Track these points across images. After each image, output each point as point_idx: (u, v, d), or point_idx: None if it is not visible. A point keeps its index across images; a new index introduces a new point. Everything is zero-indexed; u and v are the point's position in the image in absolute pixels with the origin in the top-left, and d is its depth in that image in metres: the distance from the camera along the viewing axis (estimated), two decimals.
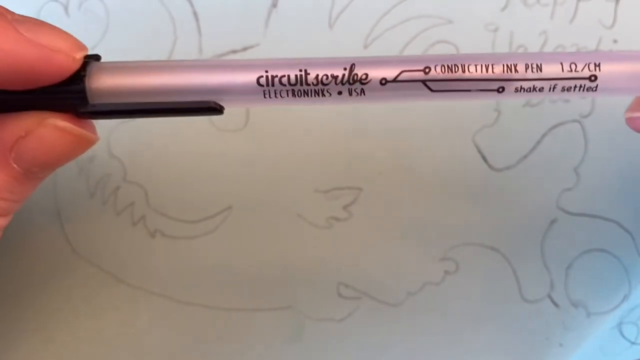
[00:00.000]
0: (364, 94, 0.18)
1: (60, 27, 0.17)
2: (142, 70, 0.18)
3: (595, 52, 0.18)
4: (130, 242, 0.27)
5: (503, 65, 0.17)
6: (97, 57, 0.18)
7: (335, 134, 0.27)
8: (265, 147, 0.27)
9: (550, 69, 0.17)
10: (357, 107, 0.27)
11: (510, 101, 0.28)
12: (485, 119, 0.28)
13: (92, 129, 0.19)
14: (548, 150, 0.28)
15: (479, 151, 0.28)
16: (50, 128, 0.17)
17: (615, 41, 0.27)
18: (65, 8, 0.26)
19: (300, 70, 0.17)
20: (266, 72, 0.17)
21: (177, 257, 0.28)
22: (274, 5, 0.27)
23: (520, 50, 0.27)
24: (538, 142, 0.28)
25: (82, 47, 0.17)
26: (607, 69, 0.18)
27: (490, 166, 0.28)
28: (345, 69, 0.17)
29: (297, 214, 0.28)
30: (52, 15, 0.26)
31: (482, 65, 0.17)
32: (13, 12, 0.17)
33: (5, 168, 0.17)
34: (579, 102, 0.28)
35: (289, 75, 0.17)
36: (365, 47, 0.27)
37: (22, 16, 0.17)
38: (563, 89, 0.18)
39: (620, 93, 0.18)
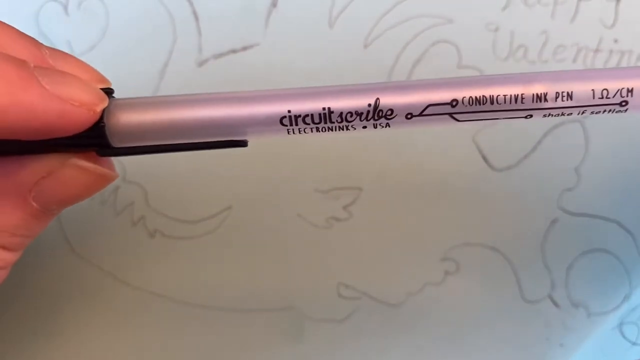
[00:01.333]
0: (389, 127, 0.17)
1: (60, 27, 0.17)
2: (161, 106, 0.17)
3: (628, 71, 0.17)
4: (130, 242, 0.27)
5: (533, 95, 0.17)
6: (110, 91, 0.18)
7: (335, 134, 0.27)
8: (265, 146, 0.27)
9: (581, 96, 0.17)
10: None
11: None
12: None
13: (112, 166, 0.19)
14: (549, 150, 0.28)
15: (480, 151, 0.28)
16: (72, 168, 0.17)
17: (615, 41, 0.27)
18: (65, 8, 0.26)
19: (324, 109, 0.17)
20: (289, 112, 0.17)
21: (177, 257, 0.28)
22: (274, 5, 0.27)
23: (521, 51, 0.27)
24: (539, 142, 0.28)
25: (103, 97, 0.17)
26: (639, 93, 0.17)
27: (490, 166, 0.28)
28: (369, 105, 0.17)
29: (297, 214, 0.28)
30: (51, 14, 0.26)
31: (511, 97, 0.17)
32: (40, 46, 0.17)
33: (24, 206, 0.18)
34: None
35: (312, 115, 0.17)
36: (365, 46, 0.27)
37: (44, 68, 0.16)
38: (592, 113, 0.17)
39: None
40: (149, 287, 0.28)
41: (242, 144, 0.18)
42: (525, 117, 0.17)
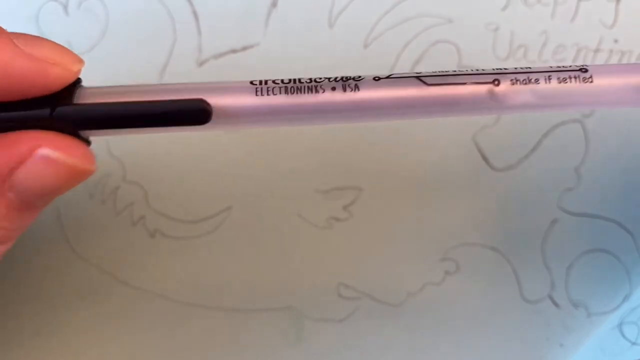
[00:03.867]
0: (358, 89, 0.17)
1: (60, 26, 0.17)
2: (129, 94, 0.17)
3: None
4: (130, 242, 0.27)
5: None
6: (78, 81, 0.18)
7: (335, 134, 0.27)
8: (265, 147, 0.27)
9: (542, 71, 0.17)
10: None
11: None
12: (486, 119, 0.28)
13: (90, 159, 0.18)
14: (549, 150, 0.28)
15: (480, 151, 0.28)
16: (40, 160, 0.17)
17: (616, 41, 0.27)
18: (65, 7, 0.26)
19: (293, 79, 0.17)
20: (260, 82, 0.17)
21: (177, 257, 0.28)
22: (274, 5, 0.27)
23: (521, 51, 0.27)
24: (539, 142, 0.28)
25: (79, 60, 0.17)
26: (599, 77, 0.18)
27: (490, 166, 0.28)
28: (337, 80, 0.17)
29: (297, 214, 0.28)
30: (51, 14, 0.26)
31: (472, 73, 0.17)
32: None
33: (1, 198, 0.17)
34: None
35: (282, 80, 0.17)
36: (365, 46, 0.27)
37: (20, 33, 0.17)
38: (558, 80, 0.17)
39: (614, 102, 0.18)
40: (149, 287, 0.28)
41: (206, 112, 0.17)
42: (493, 83, 0.17)
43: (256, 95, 0.17)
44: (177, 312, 0.28)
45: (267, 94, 0.17)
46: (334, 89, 0.17)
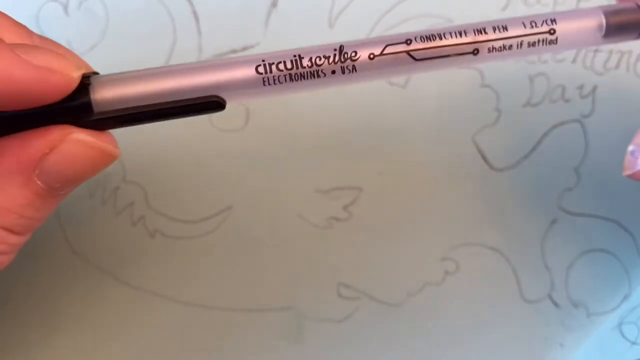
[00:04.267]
0: (355, 70, 0.19)
1: (60, 27, 0.17)
2: (142, 78, 0.18)
3: (551, 12, 0.21)
4: (130, 242, 0.27)
5: (473, 30, 0.20)
6: (96, 74, 0.19)
7: (335, 134, 0.27)
8: (265, 147, 0.27)
9: (515, 29, 0.20)
10: (357, 106, 0.27)
11: (510, 101, 0.28)
12: (486, 119, 0.28)
13: (115, 144, 0.19)
14: (548, 150, 0.28)
15: (479, 151, 0.28)
16: (74, 143, 0.17)
17: None
18: (65, 8, 0.26)
19: (295, 56, 0.19)
20: (263, 61, 0.19)
21: (177, 257, 0.28)
22: (274, 5, 0.27)
23: None
24: (538, 142, 0.28)
25: (80, 65, 0.18)
26: (563, 25, 0.20)
27: (490, 166, 0.28)
28: (335, 49, 0.19)
29: (297, 214, 0.28)
30: (51, 15, 0.26)
31: (455, 32, 0.19)
32: (31, 34, 0.18)
33: (29, 185, 0.17)
34: (579, 102, 0.28)
35: (284, 61, 0.19)
36: None
37: (19, 43, 0.17)
38: (529, 45, 0.20)
39: (578, 45, 0.21)
40: (149, 287, 0.28)
41: (221, 103, 0.19)
42: (473, 53, 0.19)
43: (264, 85, 0.19)
44: (177, 312, 0.28)
45: (274, 83, 0.19)
46: (333, 72, 0.19)
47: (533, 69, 0.28)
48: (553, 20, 0.20)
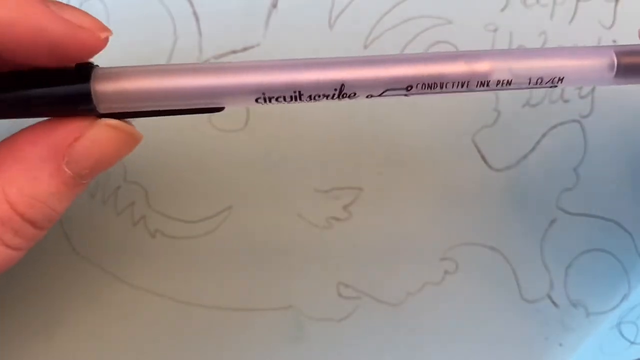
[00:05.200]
0: (352, 100, 0.20)
1: None
2: (142, 75, 0.18)
3: (557, 60, 0.20)
4: (130, 242, 0.27)
5: (477, 82, 0.19)
6: (92, 65, 0.19)
7: (335, 134, 0.27)
8: (265, 147, 0.27)
9: (521, 81, 0.19)
10: (357, 106, 0.27)
11: (510, 101, 0.28)
12: (485, 119, 0.28)
13: (136, 129, 0.19)
14: (548, 150, 0.28)
15: (479, 151, 0.28)
16: (103, 127, 0.18)
17: (614, 41, 0.27)
18: None
19: (295, 92, 0.19)
20: (263, 94, 0.19)
21: (177, 257, 0.28)
22: (274, 5, 0.27)
23: None
24: (538, 142, 0.28)
25: (107, 28, 0.18)
26: (571, 69, 0.20)
27: (490, 166, 0.28)
28: (335, 89, 0.19)
29: (297, 214, 0.28)
30: None
31: (458, 83, 0.19)
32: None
33: (59, 173, 0.18)
34: (578, 102, 0.28)
35: (284, 96, 0.19)
36: (365, 47, 0.27)
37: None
38: (533, 85, 0.20)
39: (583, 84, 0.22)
40: (149, 287, 0.28)
41: (220, 110, 0.19)
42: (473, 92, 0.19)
43: (256, 102, 0.19)
44: (177, 312, 0.28)
45: (270, 102, 0.19)
46: (330, 99, 0.19)
47: None
48: (560, 79, 0.19)
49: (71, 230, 0.27)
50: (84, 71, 0.18)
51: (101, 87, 0.18)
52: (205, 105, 0.19)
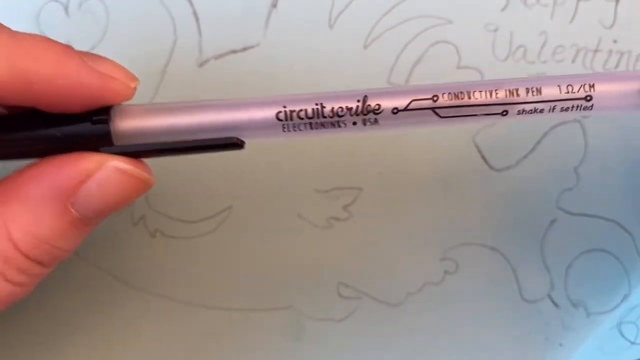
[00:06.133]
0: (377, 123, 0.19)
1: (61, 27, 0.17)
2: (161, 112, 0.18)
3: (590, 74, 0.21)
4: (130, 242, 0.27)
5: (505, 90, 0.19)
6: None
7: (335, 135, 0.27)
8: (265, 146, 0.27)
9: (549, 91, 0.19)
10: None
11: None
12: None
13: (149, 171, 0.19)
14: (548, 150, 0.28)
15: (479, 151, 0.28)
16: (112, 171, 0.17)
17: (615, 41, 0.27)
18: (65, 8, 0.26)
19: (317, 104, 0.18)
20: (284, 107, 0.18)
21: (177, 257, 0.28)
22: (274, 5, 0.27)
23: (520, 51, 0.27)
24: (538, 142, 0.28)
25: (136, 78, 0.19)
26: (601, 89, 0.19)
27: (490, 166, 0.28)
28: (358, 100, 0.18)
29: (297, 214, 0.28)
30: (52, 15, 0.26)
31: (486, 91, 0.19)
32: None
33: (63, 214, 0.17)
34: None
35: (306, 110, 0.18)
36: (365, 47, 0.27)
37: (85, 51, 0.18)
38: (562, 109, 0.19)
39: (614, 110, 0.20)
40: (149, 287, 0.28)
41: (239, 145, 0.19)
42: (501, 114, 0.19)
43: (283, 131, 0.19)
44: (177, 312, 0.28)
45: (293, 130, 0.19)
46: (355, 123, 0.19)
47: (533, 69, 0.28)
48: (592, 86, 0.19)
49: None
50: (101, 110, 0.18)
51: (119, 125, 0.18)
52: (223, 133, 0.18)
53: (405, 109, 0.19)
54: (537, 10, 0.27)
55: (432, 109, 0.19)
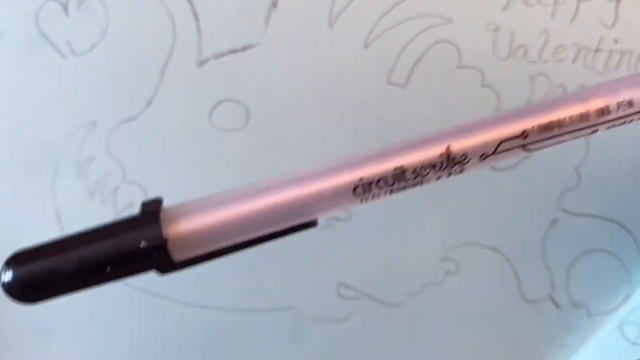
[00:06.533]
0: (463, 172, 0.17)
1: (60, 26, 0.17)
2: (219, 206, 0.16)
3: None
4: None
5: (596, 110, 0.17)
6: (160, 202, 0.17)
7: (335, 134, 0.27)
8: (265, 147, 0.27)
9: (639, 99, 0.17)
10: (358, 106, 0.27)
11: (510, 101, 0.28)
12: None
13: None
14: (549, 150, 0.28)
15: None
16: None
17: (616, 41, 0.27)
18: (65, 7, 0.26)
19: (396, 169, 0.16)
20: (361, 180, 0.16)
21: None
22: (274, 5, 0.27)
23: (521, 51, 0.27)
24: None
25: None
26: None
27: (491, 166, 0.28)
28: (442, 154, 0.17)
29: None
30: (51, 14, 0.26)
31: (577, 117, 0.17)
32: None
33: None
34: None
35: (385, 178, 0.16)
36: (366, 46, 0.27)
37: None
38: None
39: None
40: (149, 287, 0.28)
41: (312, 224, 0.17)
42: (591, 133, 0.17)
43: (360, 203, 0.17)
44: (177, 312, 0.28)
45: (372, 200, 0.17)
46: (439, 178, 0.17)
47: (533, 69, 0.28)
48: None
49: (70, 230, 0.27)
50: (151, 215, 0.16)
51: (174, 230, 0.15)
52: (295, 217, 0.16)
53: (494, 153, 0.17)
54: (538, 10, 0.27)
55: (522, 146, 0.17)
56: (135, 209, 0.27)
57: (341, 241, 0.28)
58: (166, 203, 0.17)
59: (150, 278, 0.27)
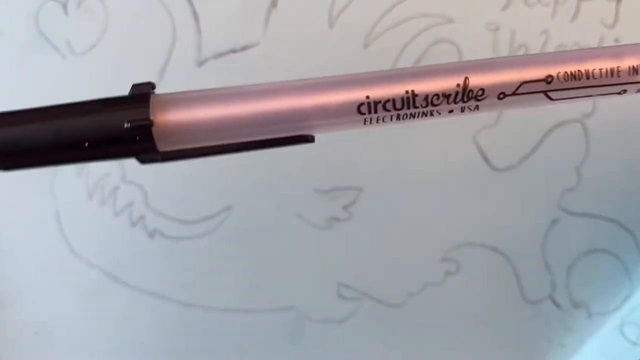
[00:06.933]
0: (478, 109, 0.16)
1: (60, 26, 0.17)
2: (213, 100, 0.15)
3: None
4: (129, 243, 0.27)
5: (629, 67, 0.16)
6: (152, 86, 0.15)
7: (335, 134, 0.27)
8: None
9: None
10: None
11: None
12: (487, 119, 0.28)
13: None
14: (549, 150, 0.28)
15: (480, 151, 0.28)
16: None
17: (616, 40, 0.27)
18: (64, 7, 0.26)
19: (407, 92, 0.15)
20: (367, 97, 0.15)
21: (176, 258, 0.27)
22: (274, 5, 0.27)
23: (522, 50, 0.27)
24: (539, 142, 0.28)
25: None
26: None
27: (491, 166, 0.28)
28: (458, 85, 0.15)
29: (297, 214, 0.28)
30: (51, 14, 0.26)
31: (607, 71, 0.16)
32: None
33: None
34: (580, 101, 0.28)
35: (394, 100, 0.15)
36: (366, 46, 0.27)
37: None
38: None
39: None
40: (149, 287, 0.28)
41: (309, 139, 0.16)
42: (619, 93, 0.16)
43: (364, 124, 0.16)
44: (177, 312, 0.28)
45: (376, 123, 0.15)
46: (451, 111, 0.15)
47: None
48: None
49: (70, 230, 0.27)
50: (141, 97, 0.15)
51: (161, 122, 0.14)
52: (291, 133, 0.15)
53: (514, 94, 0.15)
54: (539, 9, 0.27)
55: (545, 92, 0.16)
56: (135, 209, 0.27)
57: (341, 241, 0.28)
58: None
59: (150, 278, 0.28)
